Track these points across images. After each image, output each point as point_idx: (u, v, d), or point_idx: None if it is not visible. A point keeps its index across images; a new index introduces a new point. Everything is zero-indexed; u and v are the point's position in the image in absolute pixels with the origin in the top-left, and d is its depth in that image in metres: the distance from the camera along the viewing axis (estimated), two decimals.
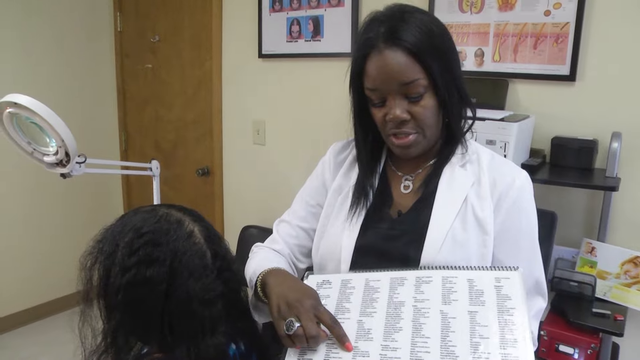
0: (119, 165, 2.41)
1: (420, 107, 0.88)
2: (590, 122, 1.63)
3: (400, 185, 1.01)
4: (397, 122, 0.89)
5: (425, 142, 0.94)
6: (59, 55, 3.03)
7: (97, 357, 0.80)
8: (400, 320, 0.82)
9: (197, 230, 0.86)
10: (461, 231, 0.90)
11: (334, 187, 1.07)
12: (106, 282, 0.82)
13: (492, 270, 0.86)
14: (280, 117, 2.49)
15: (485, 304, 0.80)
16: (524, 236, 0.93)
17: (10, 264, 2.97)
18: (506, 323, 0.77)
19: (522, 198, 0.92)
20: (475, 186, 0.93)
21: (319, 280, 0.95)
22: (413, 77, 0.86)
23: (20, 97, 1.33)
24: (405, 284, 0.87)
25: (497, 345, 0.75)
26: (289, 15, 2.33)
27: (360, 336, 0.82)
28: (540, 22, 1.65)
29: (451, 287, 0.84)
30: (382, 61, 0.87)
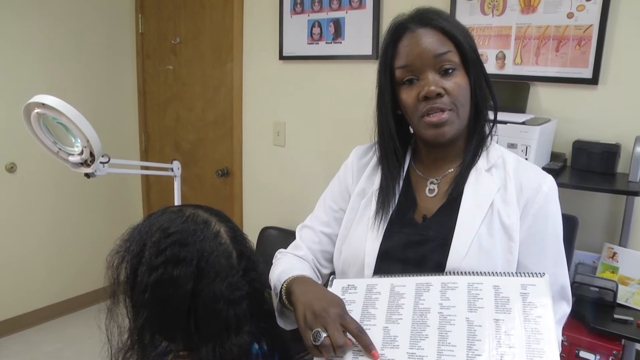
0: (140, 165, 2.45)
1: (454, 82, 0.90)
2: (613, 126, 1.61)
3: (425, 188, 1.00)
4: (432, 95, 0.89)
5: (458, 122, 0.92)
6: (82, 56, 3.09)
7: (124, 355, 0.82)
8: (426, 328, 0.82)
9: (223, 230, 0.88)
10: (487, 237, 0.90)
11: (357, 191, 1.07)
12: (133, 281, 0.83)
13: (518, 277, 0.85)
14: (301, 119, 2.51)
15: (511, 312, 0.80)
16: (550, 242, 0.93)
17: (34, 260, 3.04)
18: (532, 332, 0.77)
19: (548, 203, 0.92)
20: (501, 191, 0.93)
21: (344, 285, 0.95)
22: (445, 49, 0.89)
23: (48, 98, 1.36)
24: (430, 290, 0.86)
25: (523, 355, 0.74)
26: (310, 17, 2.35)
27: (386, 343, 0.82)
28: (562, 25, 1.64)
29: (477, 293, 0.84)
30: (415, 37, 0.91)
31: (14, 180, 2.87)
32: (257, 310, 0.95)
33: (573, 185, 1.49)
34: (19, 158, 2.85)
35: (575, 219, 1.50)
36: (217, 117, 2.91)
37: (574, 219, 1.50)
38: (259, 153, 2.74)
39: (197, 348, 0.82)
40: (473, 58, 0.92)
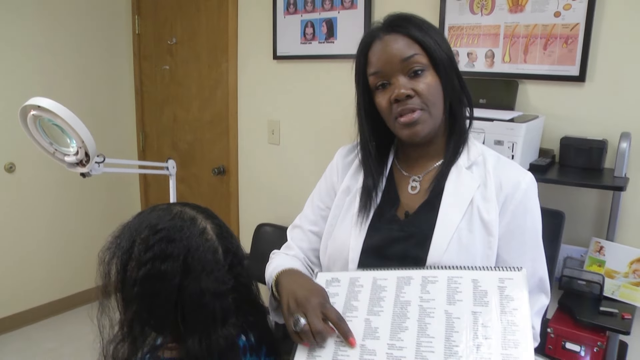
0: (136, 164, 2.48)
1: (423, 83, 0.93)
2: (600, 122, 1.64)
3: (408, 186, 1.03)
4: (402, 98, 0.93)
5: (431, 121, 0.95)
6: (79, 57, 3.12)
7: (114, 346, 0.85)
8: (406, 320, 0.85)
9: (209, 227, 0.90)
10: (467, 233, 0.93)
11: (342, 189, 1.10)
12: (123, 276, 0.86)
13: (497, 271, 0.87)
14: (295, 118, 2.54)
15: (488, 305, 0.82)
16: (529, 237, 0.95)
17: (33, 259, 3.07)
18: (509, 324, 0.79)
19: (527, 199, 0.95)
20: (481, 188, 0.95)
21: (328, 278, 0.98)
22: (411, 52, 0.93)
23: (43, 101, 1.39)
24: (411, 284, 0.89)
25: (499, 346, 0.77)
26: (303, 17, 2.37)
27: (367, 335, 0.85)
28: (550, 23, 1.66)
29: (456, 287, 0.86)
30: (383, 44, 0.95)
31: (13, 180, 2.91)
32: (244, 304, 0.98)
33: (560, 181, 1.52)
34: (18, 158, 2.89)
35: (562, 213, 1.52)
36: (213, 117, 2.94)
37: (560, 214, 1.52)
38: (254, 151, 2.77)
39: (184, 340, 0.85)
40: (442, 58, 0.94)
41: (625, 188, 1.48)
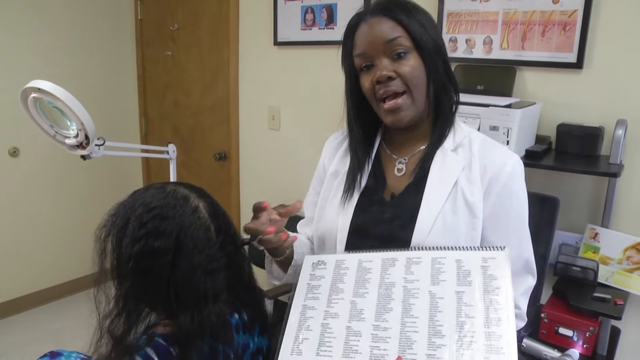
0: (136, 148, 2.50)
1: (405, 65, 0.94)
2: (597, 109, 1.64)
3: (394, 168, 1.04)
4: (383, 79, 0.94)
5: (413, 106, 0.96)
6: (83, 43, 3.14)
7: (110, 321, 0.88)
8: (391, 301, 0.86)
9: (202, 205, 0.92)
10: (451, 214, 0.94)
11: (330, 172, 1.12)
12: (118, 252, 0.88)
13: (480, 251, 0.88)
14: (295, 103, 2.55)
15: (472, 284, 0.83)
16: (514, 219, 0.96)
17: (37, 243, 3.12)
18: (491, 302, 0.80)
19: (512, 182, 0.95)
20: (466, 170, 0.96)
21: (314, 261, 1.00)
22: (395, 34, 0.93)
23: (43, 83, 1.41)
24: (396, 265, 0.90)
25: (481, 324, 0.78)
26: (303, 3, 2.37)
27: (353, 316, 0.87)
28: (548, 10, 1.66)
29: (440, 267, 0.87)
30: (367, 27, 0.95)
31: (18, 164, 2.94)
32: (237, 283, 1.00)
33: (554, 167, 1.53)
34: (22, 143, 2.92)
35: (557, 199, 1.54)
36: (215, 102, 2.95)
37: (555, 200, 1.53)
38: (254, 137, 2.79)
39: (176, 316, 0.87)
40: (426, 41, 0.94)
41: (619, 175, 1.49)
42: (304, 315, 0.91)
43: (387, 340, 0.81)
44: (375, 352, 0.81)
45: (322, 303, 0.91)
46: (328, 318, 0.88)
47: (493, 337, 0.76)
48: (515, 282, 0.96)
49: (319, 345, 0.85)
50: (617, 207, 1.64)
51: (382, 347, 0.81)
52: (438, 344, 0.78)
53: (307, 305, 0.92)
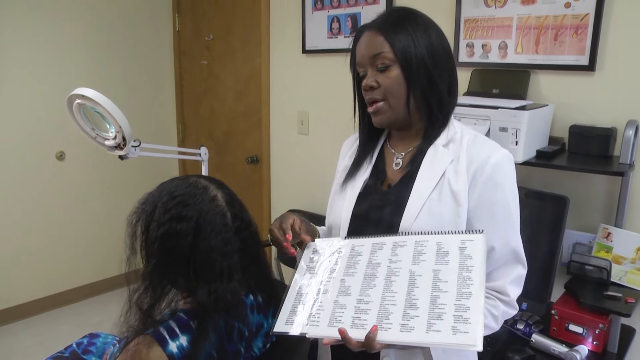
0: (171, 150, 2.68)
1: (386, 77, 1.04)
2: (609, 110, 1.67)
3: (393, 162, 1.15)
4: (367, 88, 1.07)
5: (390, 111, 1.07)
6: (124, 53, 3.36)
7: (138, 295, 1.00)
8: (375, 279, 0.95)
9: (219, 195, 1.04)
10: (437, 202, 1.02)
11: (342, 167, 1.23)
12: (146, 235, 1.01)
13: (460, 234, 0.96)
14: (322, 108, 2.66)
15: (448, 263, 0.91)
16: (500, 209, 1.03)
17: (82, 239, 3.34)
18: (464, 279, 0.88)
19: (497, 173, 1.02)
20: (454, 163, 1.04)
21: (314, 245, 1.11)
22: (379, 49, 1.04)
23: (86, 90, 1.56)
24: (383, 248, 1.00)
25: (453, 297, 0.86)
26: (329, 13, 2.49)
27: (341, 292, 0.97)
28: (560, 14, 1.71)
29: (422, 249, 0.95)
30: (362, 40, 1.08)
31: (64, 167, 3.17)
32: (253, 268, 1.11)
33: (563, 166, 1.58)
34: (68, 147, 3.15)
35: (566, 198, 1.58)
36: (247, 108, 3.10)
37: (564, 199, 1.57)
38: (285, 141, 2.91)
39: (195, 291, 0.98)
40: (408, 56, 1.02)
41: (627, 174, 1.52)
42: (299, 292, 1.02)
43: (368, 312, 0.90)
44: (356, 322, 0.89)
45: (316, 282, 1.02)
46: (320, 294, 0.98)
47: (462, 308, 0.83)
48: (505, 270, 1.04)
49: (309, 316, 0.96)
50: (630, 207, 1.66)
51: (363, 318, 0.90)
52: (412, 315, 0.86)
53: (304, 283, 1.03)
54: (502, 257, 1.03)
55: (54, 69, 3.05)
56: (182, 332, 0.97)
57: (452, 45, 2.00)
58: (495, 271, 1.04)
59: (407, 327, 0.85)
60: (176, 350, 0.95)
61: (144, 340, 0.95)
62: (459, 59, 1.99)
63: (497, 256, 1.02)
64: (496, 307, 1.03)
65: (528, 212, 1.63)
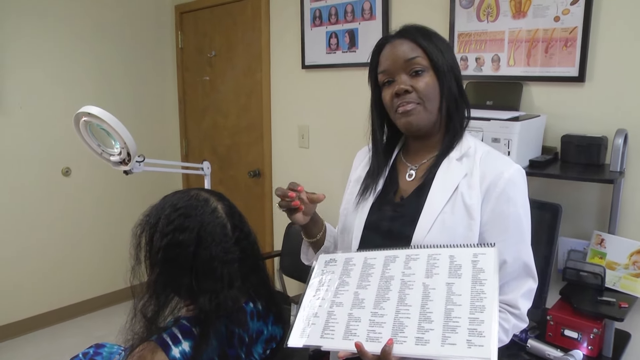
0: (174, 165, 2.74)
1: (421, 81, 1.06)
2: (600, 120, 1.72)
3: (406, 174, 1.16)
4: (401, 92, 1.06)
5: (425, 114, 1.08)
6: (128, 70, 3.44)
7: (142, 303, 1.04)
8: (389, 292, 0.96)
9: (220, 207, 1.09)
10: (450, 215, 1.04)
11: (354, 178, 1.25)
12: (150, 245, 1.06)
13: (472, 247, 0.97)
14: (322, 122, 2.72)
15: (461, 277, 0.92)
16: (512, 223, 1.04)
17: (87, 255, 3.39)
18: (477, 292, 0.88)
19: (510, 188, 1.03)
20: (467, 177, 1.06)
21: (327, 259, 1.12)
22: (414, 54, 1.06)
23: (92, 108, 1.62)
24: (396, 261, 1.01)
25: (467, 311, 0.87)
26: (328, 29, 2.56)
27: (355, 305, 0.98)
28: (550, 28, 1.77)
29: (434, 262, 0.97)
30: (391, 47, 1.09)
31: (69, 182, 3.23)
32: (252, 276, 1.15)
33: (555, 175, 1.62)
34: (73, 163, 3.21)
35: (559, 206, 1.62)
36: (249, 123, 3.16)
37: (557, 207, 1.61)
38: (286, 155, 2.97)
39: (197, 299, 1.03)
40: (442, 63, 1.06)
41: (618, 181, 1.56)
42: (312, 305, 1.03)
43: (382, 325, 0.91)
44: (371, 335, 0.91)
45: (330, 294, 1.03)
46: (334, 307, 1.00)
47: (476, 322, 0.84)
48: (516, 284, 1.06)
49: (324, 329, 0.97)
50: (622, 213, 1.70)
51: (378, 331, 0.91)
52: (427, 328, 0.87)
53: (317, 296, 1.04)
54: (513, 270, 1.04)
55: (60, 86, 3.12)
56: (184, 338, 1.01)
57: None
58: (507, 285, 1.05)
59: (422, 340, 0.86)
60: (179, 356, 0.99)
61: (148, 346, 0.99)
62: None
63: (509, 270, 1.04)
64: (507, 320, 1.04)
65: None
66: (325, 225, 1.25)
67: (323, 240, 1.23)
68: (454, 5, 2.01)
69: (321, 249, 1.23)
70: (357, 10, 2.40)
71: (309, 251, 1.28)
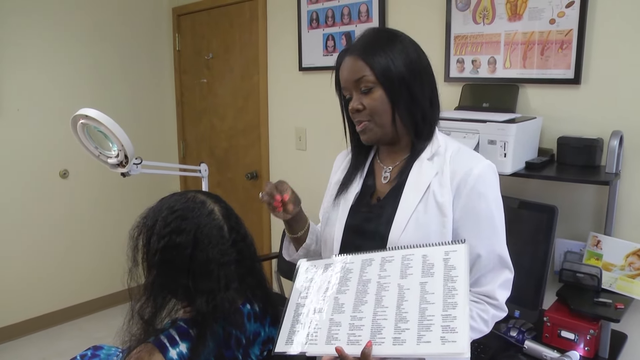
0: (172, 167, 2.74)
1: (370, 98, 1.09)
2: (595, 121, 1.73)
3: (382, 176, 1.20)
4: (354, 111, 1.12)
5: (378, 129, 1.12)
6: (126, 73, 3.44)
7: (140, 305, 1.04)
8: (366, 295, 0.99)
9: (216, 209, 1.09)
10: (423, 214, 1.07)
11: (334, 181, 1.29)
12: (147, 247, 1.06)
13: (444, 245, 1.00)
14: (319, 124, 2.73)
15: (434, 275, 0.95)
16: (484, 218, 1.07)
17: (85, 256, 3.39)
18: (450, 289, 0.92)
19: (480, 184, 1.07)
20: (438, 176, 1.09)
21: (307, 265, 1.16)
22: (361, 74, 1.09)
23: (90, 111, 1.62)
24: (372, 264, 1.04)
25: (440, 308, 0.90)
26: (324, 31, 2.56)
27: (335, 310, 1.01)
28: (546, 30, 1.78)
29: (408, 263, 1.00)
30: (344, 66, 1.12)
31: (67, 185, 3.23)
32: (249, 278, 1.15)
33: (550, 177, 1.63)
34: (71, 165, 3.21)
35: (555, 208, 1.62)
36: (246, 125, 3.16)
37: (553, 209, 1.62)
38: (283, 157, 2.97)
39: (194, 300, 1.03)
40: (389, 76, 1.07)
41: (613, 183, 1.56)
42: (296, 312, 1.06)
43: (362, 328, 0.94)
44: (351, 339, 0.94)
45: (311, 301, 1.06)
46: (316, 313, 1.02)
47: (449, 318, 0.88)
48: (492, 276, 1.09)
49: (307, 335, 1.00)
50: (618, 215, 1.71)
51: (357, 334, 0.94)
52: (403, 328, 0.90)
53: (300, 303, 1.08)
54: (488, 263, 1.07)
55: (57, 89, 3.13)
56: (182, 339, 1.02)
57: (443, 61, 2.07)
58: (483, 277, 1.09)
59: (399, 340, 0.89)
60: (176, 357, 0.99)
61: (146, 348, 0.99)
62: (450, 75, 2.06)
63: (484, 263, 1.07)
64: (486, 311, 1.08)
65: (519, 222, 1.68)
66: (309, 224, 1.27)
67: (305, 237, 1.26)
68: (450, 7, 2.02)
69: (303, 246, 1.27)
70: (353, 12, 2.41)
71: (290, 246, 1.32)
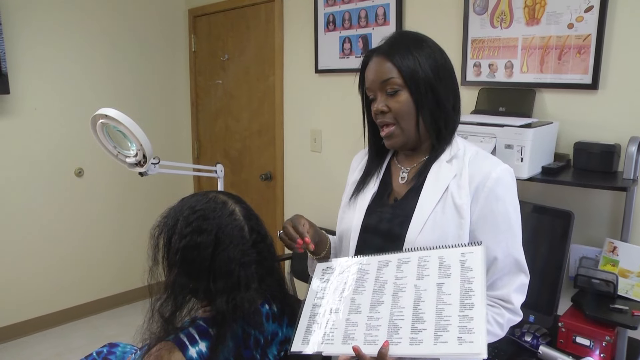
0: (189, 167, 2.77)
1: (396, 101, 1.10)
2: (613, 127, 1.72)
3: (399, 176, 1.21)
4: (378, 113, 1.13)
5: (402, 135, 1.13)
6: (141, 73, 3.49)
7: (160, 303, 1.06)
8: (383, 296, 1.01)
9: (237, 209, 1.11)
10: (441, 215, 1.08)
11: (351, 181, 1.30)
12: (168, 246, 1.08)
13: (460, 247, 1.01)
14: (335, 127, 2.74)
15: (450, 276, 0.96)
16: (502, 221, 1.08)
17: (99, 255, 3.43)
18: (466, 290, 0.93)
19: (498, 188, 1.07)
20: (457, 178, 1.10)
21: (324, 267, 1.17)
22: (388, 75, 1.10)
23: (110, 110, 1.65)
24: (389, 266, 1.05)
25: (457, 309, 0.91)
26: (341, 34, 2.57)
27: (352, 310, 1.02)
28: (564, 35, 1.77)
29: (425, 264, 1.01)
30: (371, 66, 1.14)
31: (82, 183, 3.27)
32: (268, 279, 1.17)
33: (567, 182, 1.62)
34: (86, 164, 3.25)
35: (571, 213, 1.62)
36: (261, 126, 3.18)
37: (569, 214, 1.62)
38: (298, 158, 2.98)
39: (214, 300, 1.04)
40: (417, 80, 1.09)
41: (631, 189, 1.56)
42: (313, 312, 1.07)
43: (378, 328, 0.95)
44: (368, 339, 0.95)
45: (327, 302, 1.08)
46: (332, 313, 1.04)
47: (465, 319, 0.88)
48: (508, 279, 1.09)
49: (324, 335, 1.01)
50: (635, 221, 1.69)
51: (374, 334, 0.95)
52: (420, 328, 0.91)
53: (316, 304, 1.09)
54: (505, 266, 1.08)
55: (74, 89, 3.17)
56: (201, 338, 1.03)
57: (460, 65, 2.07)
58: (499, 280, 1.09)
59: (416, 341, 0.90)
60: (195, 356, 1.00)
61: (166, 346, 1.01)
62: (467, 78, 2.06)
63: (500, 266, 1.08)
64: (501, 315, 1.08)
65: (534, 226, 1.68)
66: (330, 241, 1.27)
67: (329, 255, 1.26)
68: (468, 11, 2.02)
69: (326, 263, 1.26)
70: (370, 15, 2.42)
71: (314, 264, 1.30)
